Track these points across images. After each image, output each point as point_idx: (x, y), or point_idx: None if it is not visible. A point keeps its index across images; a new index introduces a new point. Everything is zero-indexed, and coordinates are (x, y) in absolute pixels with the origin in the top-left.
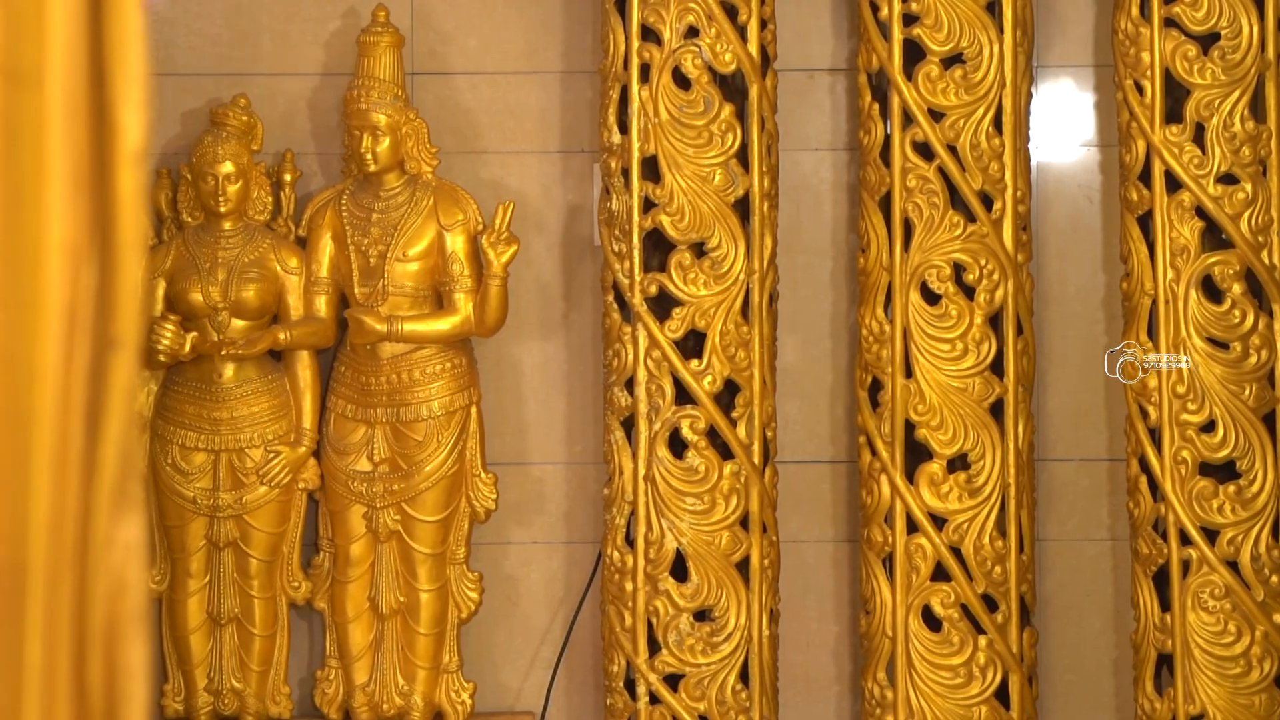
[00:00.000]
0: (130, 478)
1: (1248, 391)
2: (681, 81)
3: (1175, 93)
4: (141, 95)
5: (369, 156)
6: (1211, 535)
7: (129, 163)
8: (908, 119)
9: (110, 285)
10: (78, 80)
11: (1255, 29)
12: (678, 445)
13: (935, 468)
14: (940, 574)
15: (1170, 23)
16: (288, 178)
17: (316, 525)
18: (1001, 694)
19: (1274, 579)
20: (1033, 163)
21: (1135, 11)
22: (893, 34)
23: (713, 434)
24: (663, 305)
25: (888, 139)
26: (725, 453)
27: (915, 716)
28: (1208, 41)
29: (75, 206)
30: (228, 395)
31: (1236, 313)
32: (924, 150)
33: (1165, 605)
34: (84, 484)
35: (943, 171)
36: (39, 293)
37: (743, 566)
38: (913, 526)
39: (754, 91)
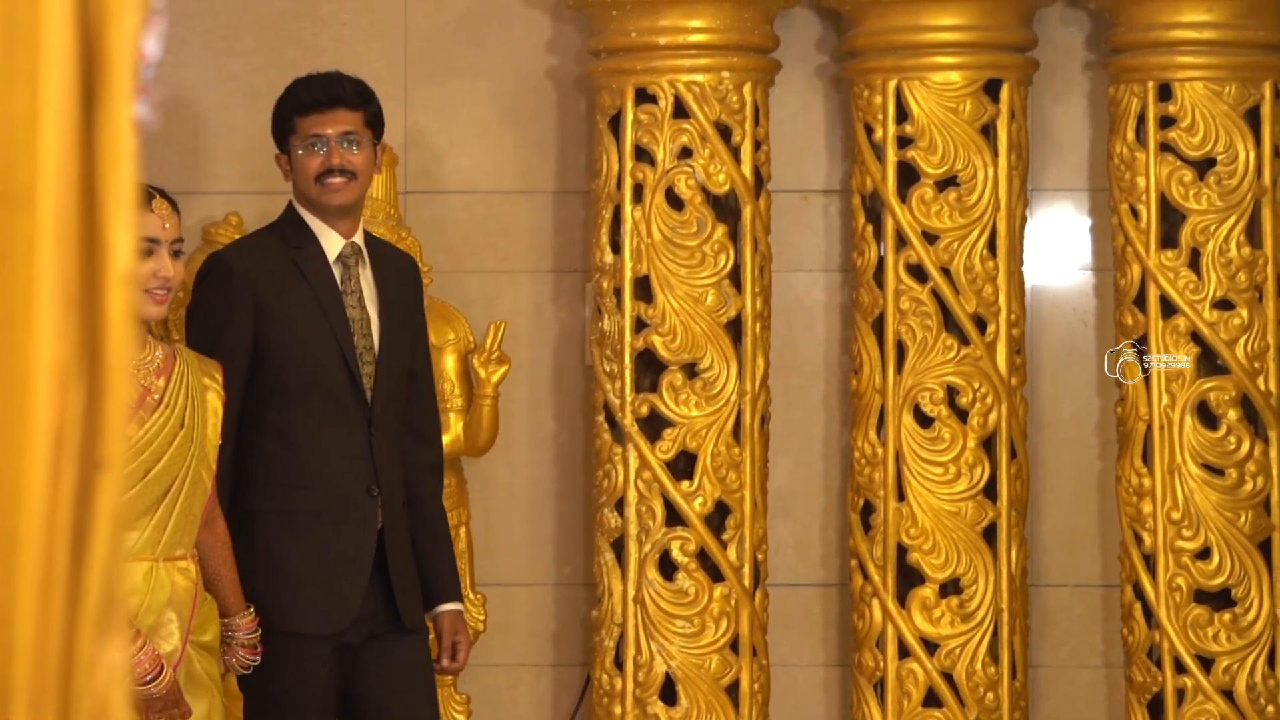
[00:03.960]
0: (115, 601)
1: (1243, 518)
2: (674, 202)
3: (1171, 217)
4: (132, 216)
5: None
6: (1207, 663)
7: (119, 284)
8: (901, 241)
9: (98, 407)
10: (68, 201)
11: (1252, 155)
12: (668, 567)
13: (927, 592)
14: (932, 700)
15: (1166, 148)
16: None
17: None
18: None
19: (1270, 708)
20: (1027, 286)
21: (1131, 136)
22: (887, 156)
23: (703, 556)
24: (654, 426)
25: (881, 261)
26: (715, 575)
27: None
28: (1204, 167)
29: (64, 327)
30: None
31: (1232, 439)
32: (917, 272)
33: None
34: (69, 606)
35: (936, 294)
36: (26, 414)
37: (732, 690)
38: (904, 651)
39: (747, 212)
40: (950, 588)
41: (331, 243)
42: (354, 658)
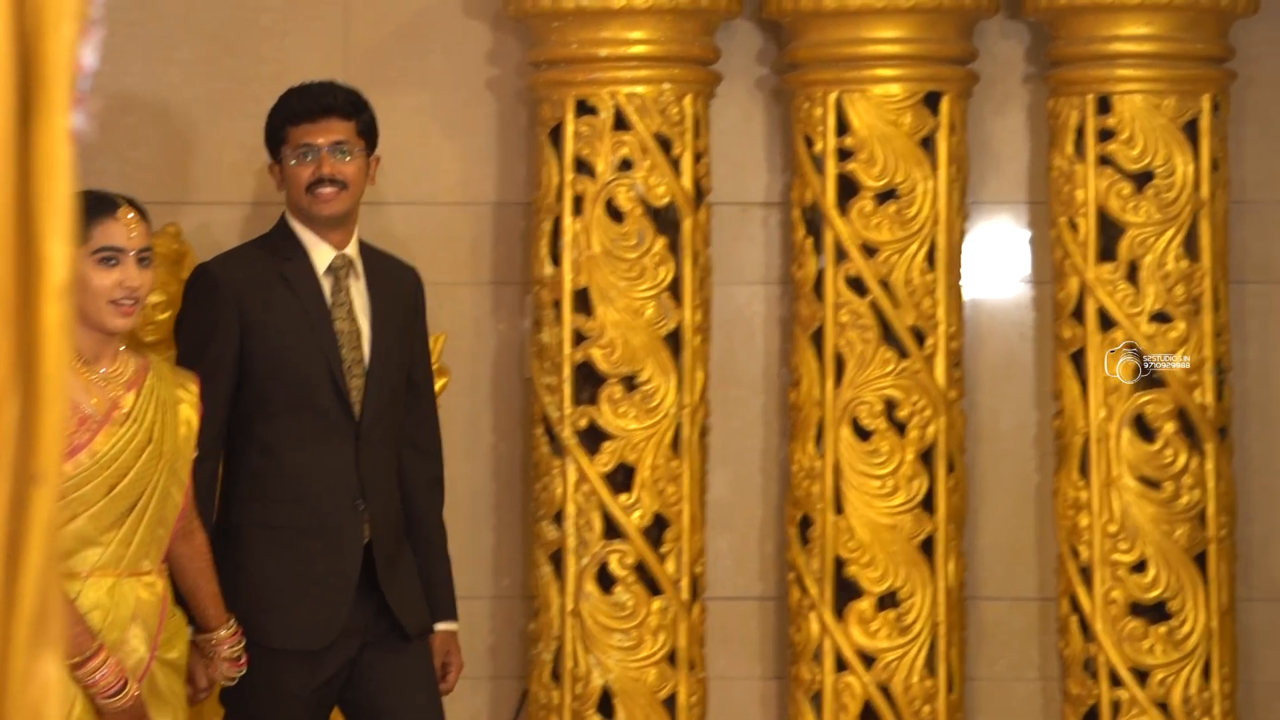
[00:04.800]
0: (50, 614)
1: (1179, 531)
2: (615, 214)
3: (1109, 230)
4: (68, 228)
5: None
6: (1142, 676)
7: (54, 297)
8: (841, 253)
9: (33, 421)
10: (4, 213)
11: (1189, 168)
12: (606, 580)
13: (865, 605)
14: (869, 713)
15: (1105, 161)
16: None
17: None
18: None
19: None
20: (966, 299)
21: (1070, 149)
22: (827, 168)
23: (641, 569)
24: (593, 438)
25: (821, 273)
26: (654, 588)
27: None
28: (1142, 180)
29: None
30: None
31: (1169, 452)
32: (857, 285)
33: None
34: (2, 620)
35: (875, 307)
36: None
37: (670, 704)
38: (842, 664)
39: (687, 224)
40: (887, 600)
41: (321, 254)
42: (350, 670)
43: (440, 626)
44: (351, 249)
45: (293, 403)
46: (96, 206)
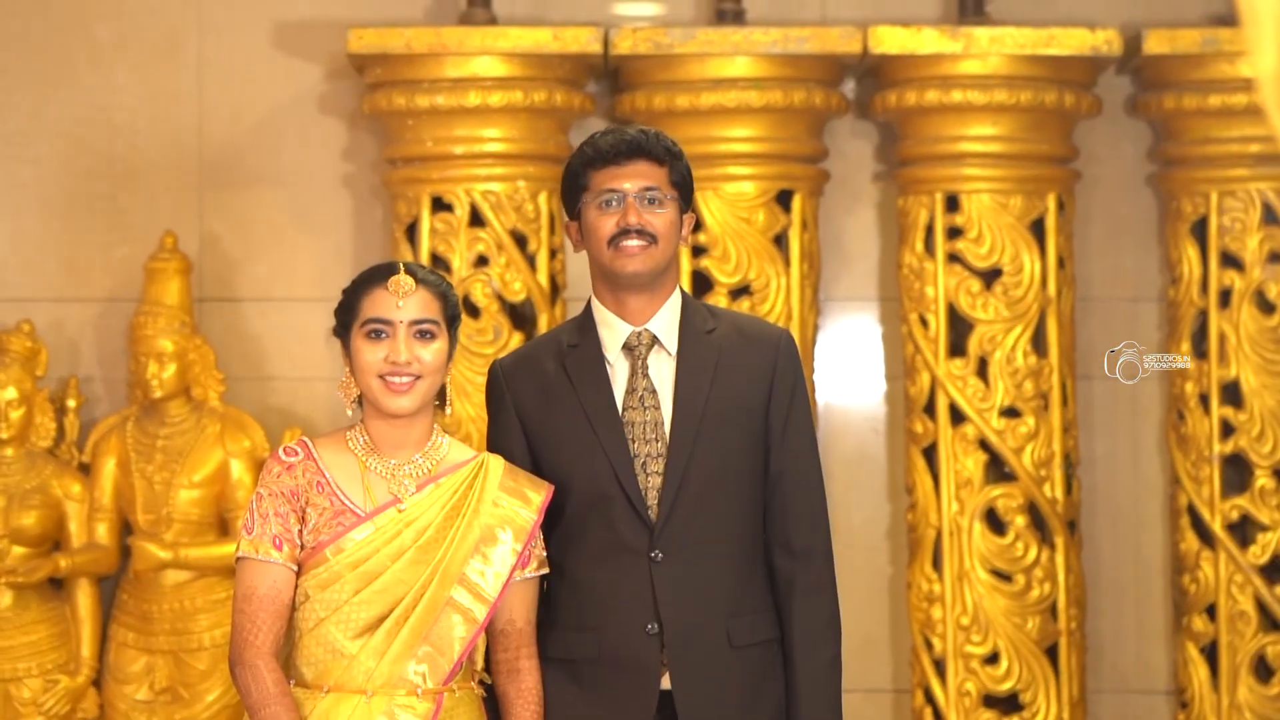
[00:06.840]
0: None
1: (1030, 624)
2: (471, 309)
3: (959, 327)
4: None
5: (154, 383)
6: None
7: None
8: None
9: None
10: None
11: (1037, 265)
12: None
13: None
14: None
15: (954, 258)
16: (71, 403)
17: None
18: None
19: None
20: (819, 394)
21: (919, 247)
22: (681, 265)
23: None
24: None
25: None
26: None
27: None
28: (990, 277)
29: None
30: (5, 624)
31: (1020, 545)
32: None
33: None
34: None
35: None
36: None
37: None
38: None
39: (543, 320)
40: None
41: (614, 334)
42: None
43: None
44: (660, 321)
45: (578, 513)
46: (371, 276)
